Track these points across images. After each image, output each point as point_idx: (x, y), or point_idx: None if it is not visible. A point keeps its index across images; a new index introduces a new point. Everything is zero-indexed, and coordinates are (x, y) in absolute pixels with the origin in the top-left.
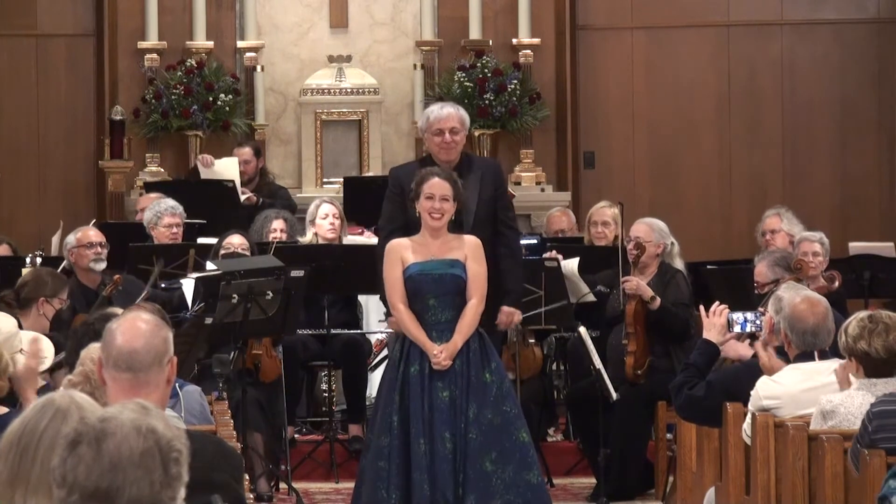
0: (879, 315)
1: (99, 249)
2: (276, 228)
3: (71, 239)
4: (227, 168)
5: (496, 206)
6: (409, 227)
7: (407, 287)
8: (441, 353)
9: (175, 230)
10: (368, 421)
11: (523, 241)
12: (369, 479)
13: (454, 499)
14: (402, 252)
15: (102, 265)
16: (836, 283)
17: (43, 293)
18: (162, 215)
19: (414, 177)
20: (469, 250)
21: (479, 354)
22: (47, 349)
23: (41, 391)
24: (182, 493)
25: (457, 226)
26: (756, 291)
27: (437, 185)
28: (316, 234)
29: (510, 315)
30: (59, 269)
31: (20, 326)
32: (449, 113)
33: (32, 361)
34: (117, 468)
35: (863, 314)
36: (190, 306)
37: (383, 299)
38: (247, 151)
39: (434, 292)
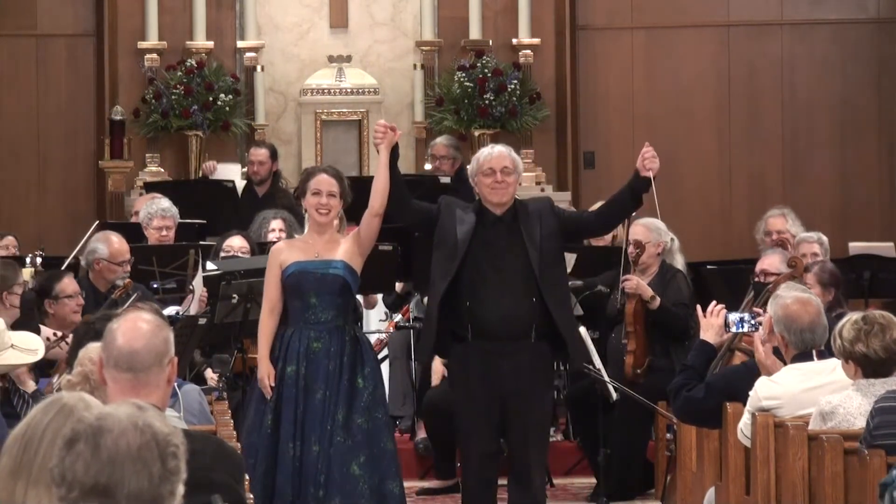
0: (872, 316)
1: (127, 267)
2: (275, 228)
3: (103, 250)
4: (229, 173)
5: (565, 228)
6: (457, 270)
7: (289, 284)
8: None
9: (165, 232)
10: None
11: None
12: None
13: (315, 501)
14: (281, 255)
15: (124, 280)
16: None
17: (5, 287)
18: (153, 217)
19: (460, 208)
20: (352, 235)
21: (353, 358)
22: (33, 342)
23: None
24: (181, 488)
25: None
26: (757, 279)
27: (324, 182)
28: None
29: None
30: (63, 267)
31: None
32: (500, 152)
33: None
34: (115, 463)
35: (855, 316)
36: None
37: (385, 300)
38: (262, 153)
39: (315, 290)
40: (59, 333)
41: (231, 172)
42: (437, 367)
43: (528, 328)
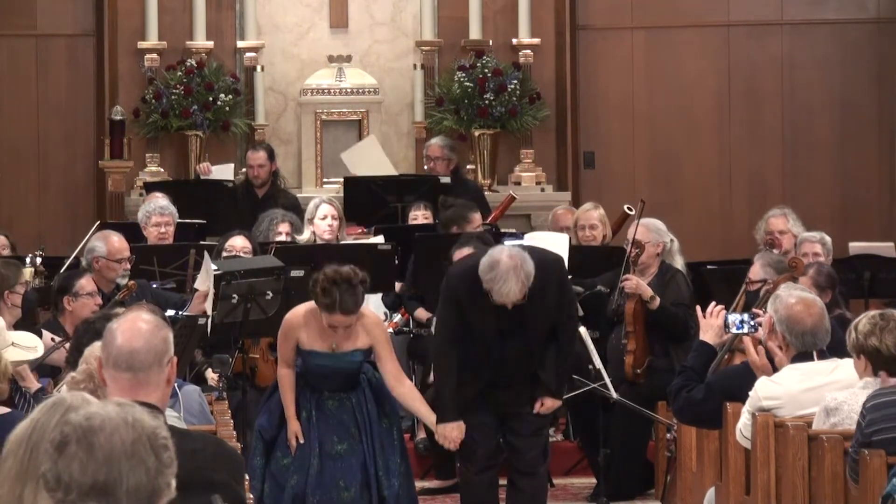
0: (891, 314)
1: (127, 265)
2: (283, 232)
3: (101, 248)
4: (224, 173)
5: (559, 303)
6: (464, 330)
7: (306, 366)
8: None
9: (163, 230)
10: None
11: (522, 242)
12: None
13: None
14: (299, 333)
15: (126, 279)
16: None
17: (7, 286)
18: (151, 215)
19: (472, 283)
20: (372, 336)
21: (375, 401)
22: (32, 340)
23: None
24: (174, 480)
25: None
26: (746, 287)
27: (339, 320)
28: (314, 233)
29: (550, 407)
30: (64, 268)
31: None
32: (512, 292)
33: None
34: (112, 460)
35: (874, 312)
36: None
37: (384, 300)
38: (261, 156)
39: (332, 377)
40: (58, 338)
41: (226, 172)
42: None
43: (528, 373)
